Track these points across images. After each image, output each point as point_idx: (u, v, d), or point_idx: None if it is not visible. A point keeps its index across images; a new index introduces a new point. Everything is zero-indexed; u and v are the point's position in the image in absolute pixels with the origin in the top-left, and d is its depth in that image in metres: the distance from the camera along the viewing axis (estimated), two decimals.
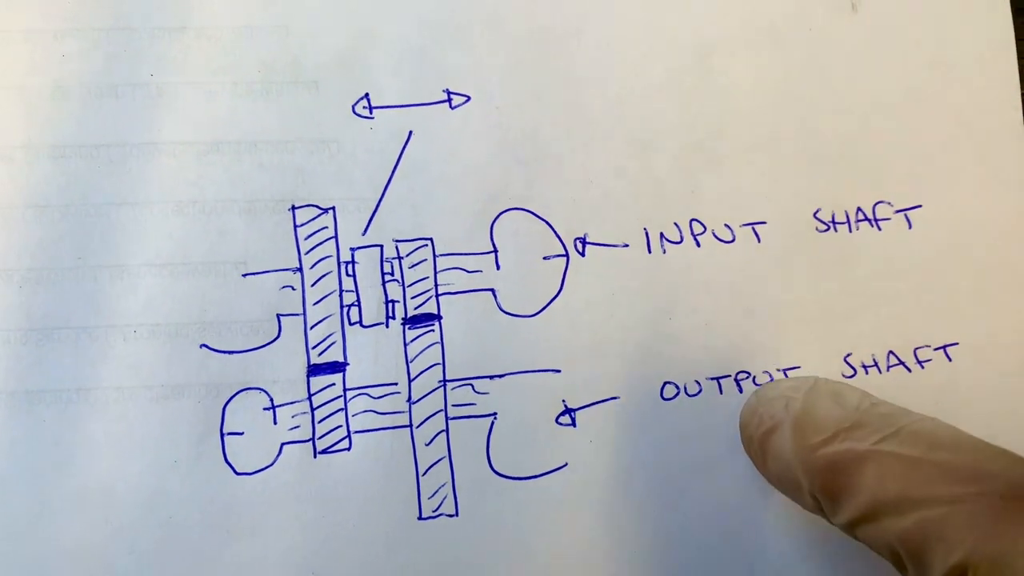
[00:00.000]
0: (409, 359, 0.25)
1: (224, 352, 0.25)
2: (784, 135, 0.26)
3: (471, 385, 0.25)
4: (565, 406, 0.25)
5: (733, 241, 0.26)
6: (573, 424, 0.25)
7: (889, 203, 0.26)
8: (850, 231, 0.26)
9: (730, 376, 0.26)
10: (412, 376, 0.25)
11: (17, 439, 0.24)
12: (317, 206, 0.25)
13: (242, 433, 0.24)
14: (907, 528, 0.18)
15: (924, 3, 0.27)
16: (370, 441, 0.25)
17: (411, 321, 0.25)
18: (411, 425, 0.25)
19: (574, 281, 0.26)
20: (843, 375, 0.26)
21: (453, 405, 0.25)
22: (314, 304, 0.25)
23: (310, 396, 0.25)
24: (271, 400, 0.25)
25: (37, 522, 0.24)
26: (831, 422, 0.21)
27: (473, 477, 0.25)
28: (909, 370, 0.26)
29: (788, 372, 0.26)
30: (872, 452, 0.20)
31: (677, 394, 0.26)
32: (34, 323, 0.24)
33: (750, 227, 0.26)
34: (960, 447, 0.19)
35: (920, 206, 0.26)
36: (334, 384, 0.25)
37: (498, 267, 0.26)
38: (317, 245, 0.25)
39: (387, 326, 0.25)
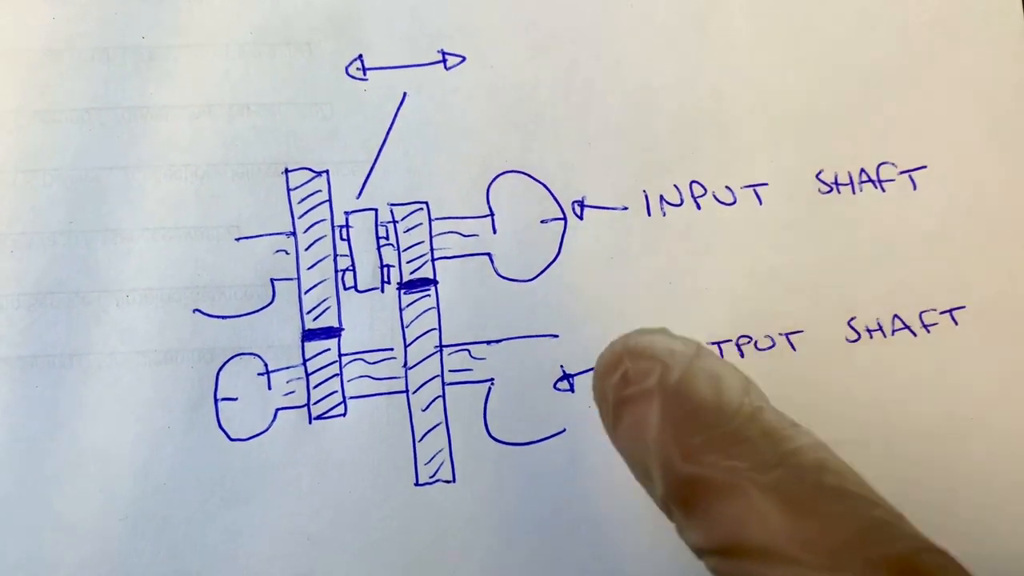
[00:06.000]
0: (405, 324, 0.25)
1: (217, 317, 0.24)
2: (785, 95, 0.26)
3: (468, 350, 0.25)
4: (563, 371, 0.25)
5: (734, 203, 0.26)
6: (571, 389, 0.25)
7: (893, 164, 0.26)
8: (853, 192, 0.26)
9: (731, 340, 0.25)
10: (408, 341, 0.25)
11: (9, 405, 0.24)
12: (311, 169, 0.25)
13: (236, 399, 0.24)
14: None
15: None
16: (366, 407, 0.24)
17: (407, 286, 0.25)
18: (407, 391, 0.25)
19: (572, 245, 0.25)
20: (847, 339, 0.25)
21: (450, 371, 0.25)
22: (308, 268, 0.25)
23: (305, 361, 0.24)
24: (265, 365, 0.24)
25: (30, 489, 0.23)
26: (705, 421, 0.17)
27: (470, 443, 0.25)
28: (915, 334, 0.26)
29: (790, 336, 0.25)
30: (742, 485, 0.16)
31: None
32: (26, 288, 0.24)
33: (751, 189, 0.26)
34: (844, 497, 0.16)
35: (925, 167, 0.26)
36: (329, 349, 0.25)
37: (495, 231, 0.25)
38: (311, 209, 0.25)
39: (382, 291, 0.25)
